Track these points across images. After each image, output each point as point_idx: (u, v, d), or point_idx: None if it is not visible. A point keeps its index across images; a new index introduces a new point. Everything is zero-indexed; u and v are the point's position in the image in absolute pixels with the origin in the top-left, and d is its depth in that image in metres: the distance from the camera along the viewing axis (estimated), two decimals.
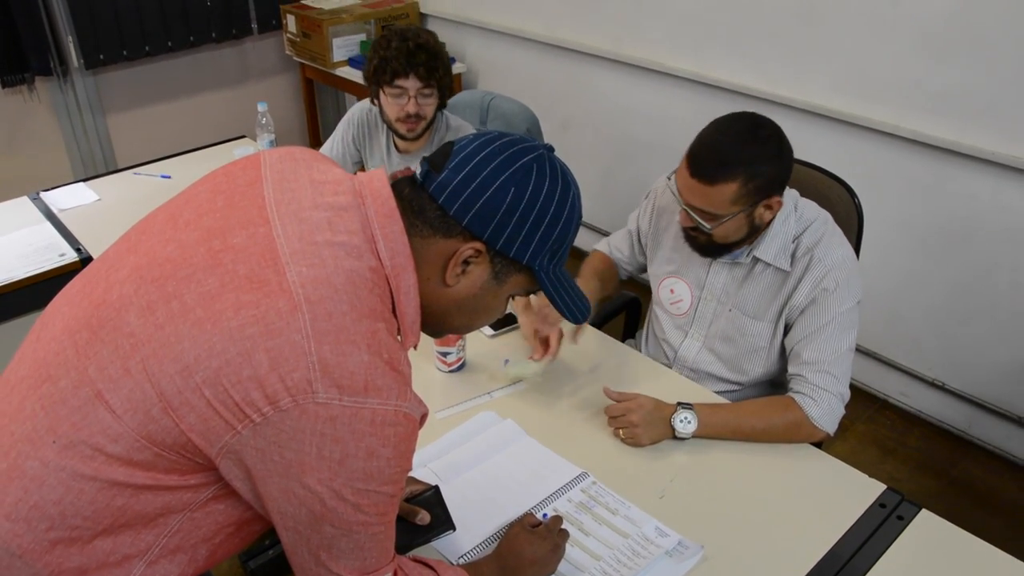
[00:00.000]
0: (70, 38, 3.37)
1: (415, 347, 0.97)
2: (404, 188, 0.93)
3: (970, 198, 2.32)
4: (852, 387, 2.83)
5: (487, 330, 1.78)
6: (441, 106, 2.18)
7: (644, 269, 1.83)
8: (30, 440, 0.84)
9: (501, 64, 3.67)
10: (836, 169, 1.79)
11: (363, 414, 0.81)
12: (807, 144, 2.51)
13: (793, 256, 1.53)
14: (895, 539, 1.29)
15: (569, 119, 3.36)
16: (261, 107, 2.60)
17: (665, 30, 2.91)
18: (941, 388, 2.60)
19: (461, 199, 0.89)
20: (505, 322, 1.80)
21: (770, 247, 1.53)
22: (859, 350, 2.76)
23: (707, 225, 1.46)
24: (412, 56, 2.01)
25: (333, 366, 0.80)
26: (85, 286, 0.91)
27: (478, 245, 0.91)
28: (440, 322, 0.98)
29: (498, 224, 0.90)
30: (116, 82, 3.63)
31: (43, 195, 2.52)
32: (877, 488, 1.38)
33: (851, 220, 1.72)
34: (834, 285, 1.49)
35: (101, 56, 3.45)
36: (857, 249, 1.75)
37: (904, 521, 1.32)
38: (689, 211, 1.47)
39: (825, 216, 1.57)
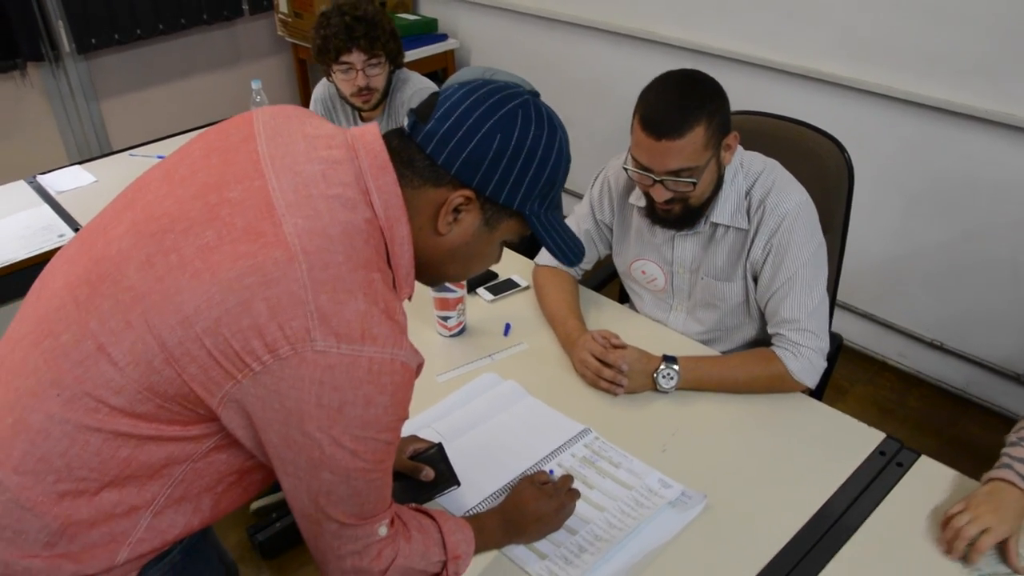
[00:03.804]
0: (61, 23, 3.35)
1: (409, 298, 0.98)
2: (393, 140, 0.94)
3: (964, 157, 2.32)
4: (851, 350, 2.87)
5: (486, 295, 1.78)
6: (396, 68, 2.19)
7: (599, 261, 1.81)
8: (34, 394, 0.85)
9: (494, 39, 3.65)
10: (830, 132, 1.77)
11: (360, 362, 0.82)
12: (800, 108, 2.51)
13: (748, 212, 1.51)
14: (895, 484, 1.30)
15: (563, 92, 3.35)
16: (255, 84, 2.59)
17: None
18: (939, 348, 2.61)
19: (449, 147, 0.90)
20: (504, 287, 1.81)
21: (724, 209, 1.52)
22: (857, 313, 2.78)
23: (689, 183, 1.41)
24: (351, 30, 2.02)
25: (331, 314, 0.81)
26: (83, 244, 0.92)
27: (468, 192, 0.91)
28: (435, 271, 0.99)
29: (486, 170, 0.90)
30: (108, 66, 3.62)
31: (40, 178, 2.52)
32: (877, 437, 1.40)
33: (841, 175, 1.71)
34: (789, 235, 1.48)
35: (93, 40, 3.43)
36: (848, 206, 1.75)
37: (904, 468, 1.34)
38: (665, 180, 1.41)
39: (772, 164, 1.54)
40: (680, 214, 1.49)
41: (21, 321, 0.92)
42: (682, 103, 1.37)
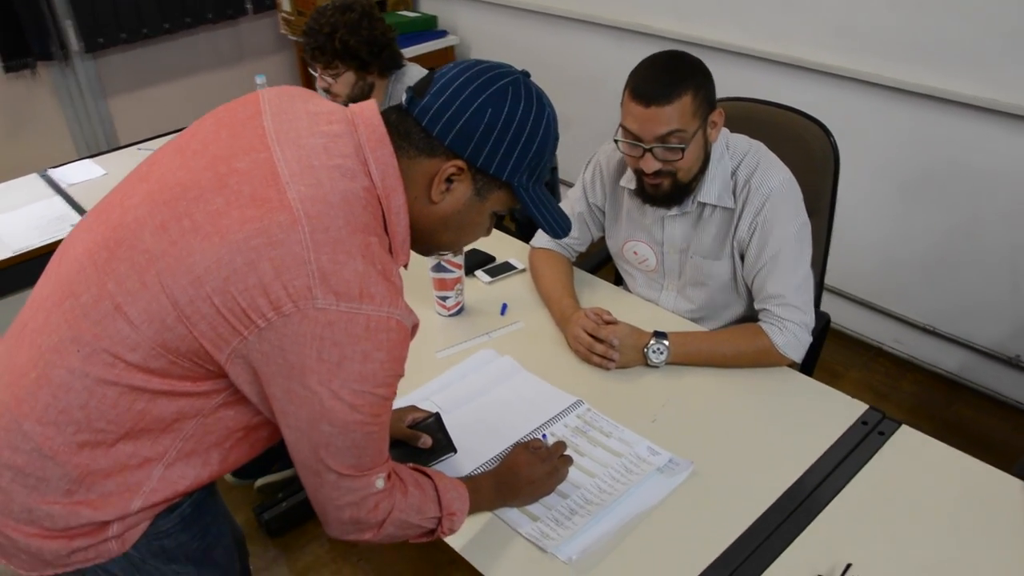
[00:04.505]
0: (69, 23, 3.42)
1: (406, 266, 1.03)
2: (391, 115, 1.00)
3: (956, 144, 2.37)
4: (846, 336, 2.92)
5: (484, 277, 1.84)
6: (381, 72, 2.20)
7: (593, 243, 1.86)
8: (56, 351, 0.91)
9: (493, 36, 3.71)
10: (824, 121, 1.79)
11: (358, 319, 0.88)
12: (792, 98, 2.55)
13: (734, 192, 1.56)
14: (875, 452, 1.35)
15: (561, 87, 3.40)
16: (259, 79, 2.66)
17: None
18: (933, 333, 2.66)
19: (443, 120, 0.96)
20: (501, 269, 1.86)
21: (711, 189, 1.57)
22: (852, 299, 2.83)
23: (678, 150, 1.44)
24: (305, 40, 2.12)
25: (331, 274, 0.87)
26: (101, 214, 0.98)
27: (460, 163, 0.97)
28: (429, 239, 1.05)
29: (477, 142, 0.96)
30: (116, 65, 3.69)
31: (51, 172, 2.59)
32: (860, 407, 1.45)
33: (827, 159, 1.75)
34: (774, 212, 1.53)
35: (100, 40, 3.50)
36: (834, 190, 1.79)
37: (885, 436, 1.38)
38: (654, 148, 1.46)
39: (757, 146, 1.59)
40: (669, 191, 1.54)
41: (43, 287, 0.98)
42: (670, 74, 1.44)
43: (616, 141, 1.53)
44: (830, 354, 2.87)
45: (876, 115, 2.50)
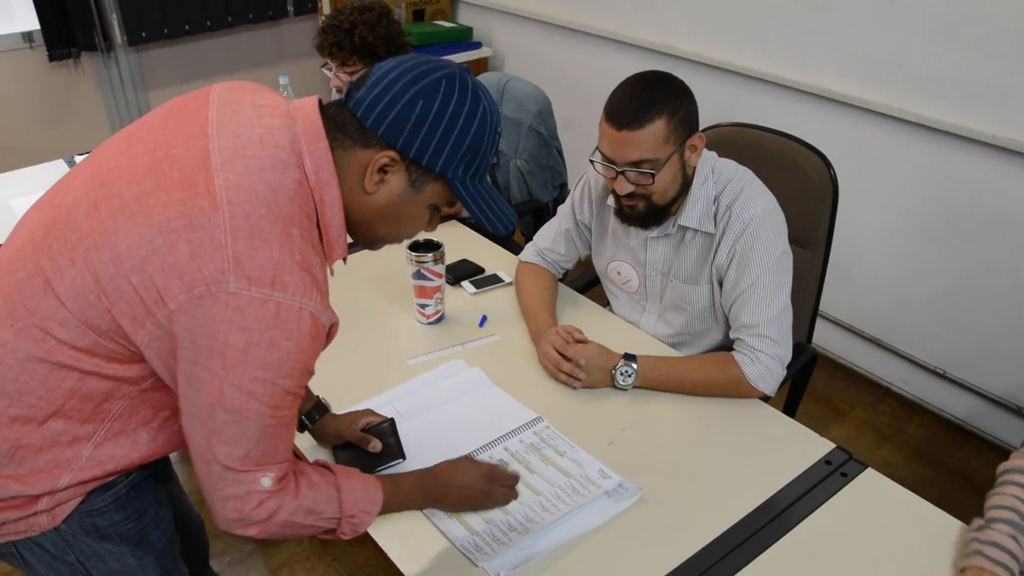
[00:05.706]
0: (114, 15, 3.54)
1: (344, 261, 1.05)
2: (331, 108, 1.02)
3: (971, 183, 2.31)
4: (856, 375, 2.86)
5: (470, 288, 1.85)
6: None
7: (580, 261, 1.85)
8: None
9: (526, 50, 3.73)
10: (840, 153, 1.75)
11: (268, 306, 0.89)
12: (812, 127, 2.53)
13: (715, 217, 1.54)
14: (835, 493, 1.32)
15: (589, 104, 3.40)
16: (283, 80, 2.71)
17: (680, 14, 2.94)
18: (942, 376, 2.58)
19: (376, 112, 0.97)
20: (488, 281, 1.87)
21: (692, 213, 1.55)
22: (864, 337, 2.76)
23: (649, 175, 1.44)
24: (324, 36, 2.12)
25: (245, 259, 0.88)
26: (49, 195, 1.03)
27: (392, 154, 0.98)
28: (367, 231, 1.06)
29: (409, 133, 0.97)
30: (157, 59, 3.80)
31: (77, 158, 2.68)
32: (826, 446, 1.41)
33: (825, 191, 1.72)
34: (753, 240, 1.50)
35: (143, 34, 3.61)
36: (832, 219, 1.76)
37: (848, 478, 1.35)
38: (626, 171, 1.45)
39: (743, 172, 1.57)
40: (645, 212, 1.52)
41: None
42: (644, 97, 1.42)
43: (592, 161, 1.53)
44: (836, 391, 2.82)
45: (892, 149, 2.45)
